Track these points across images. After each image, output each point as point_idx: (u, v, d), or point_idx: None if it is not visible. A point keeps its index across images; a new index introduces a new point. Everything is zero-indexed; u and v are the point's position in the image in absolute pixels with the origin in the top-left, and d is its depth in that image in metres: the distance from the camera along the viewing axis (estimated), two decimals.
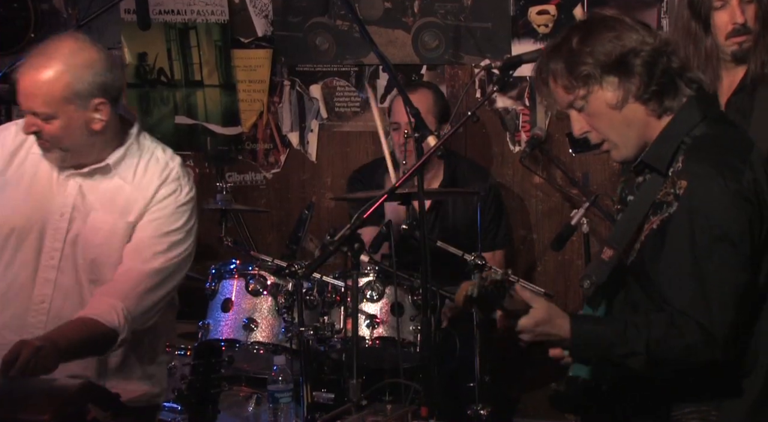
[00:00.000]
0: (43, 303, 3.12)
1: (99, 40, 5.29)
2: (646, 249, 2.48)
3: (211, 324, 3.99)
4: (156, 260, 3.12)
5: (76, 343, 2.88)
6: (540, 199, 4.88)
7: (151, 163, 3.19)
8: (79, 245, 3.12)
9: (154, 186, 3.15)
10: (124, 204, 3.14)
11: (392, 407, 3.38)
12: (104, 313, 2.94)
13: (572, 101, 2.53)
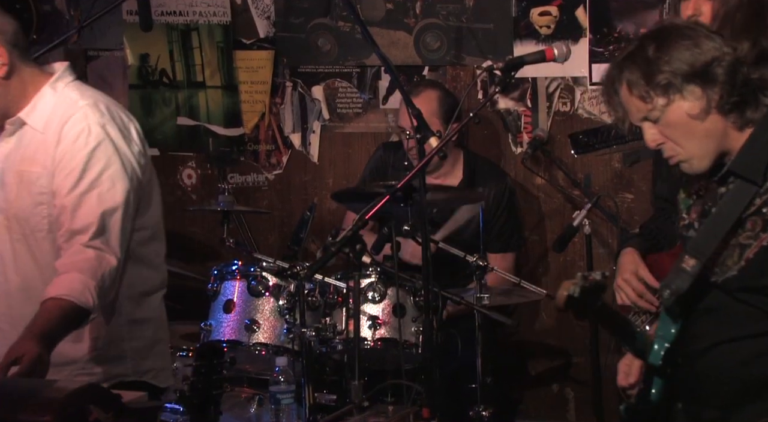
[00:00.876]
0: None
1: (101, 41, 5.36)
2: (755, 265, 2.40)
3: (213, 326, 3.99)
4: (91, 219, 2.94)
5: (61, 333, 2.84)
6: (542, 200, 4.88)
7: (63, 106, 3.05)
8: (4, 206, 3.07)
9: (59, 126, 3.01)
10: (35, 151, 3.04)
11: (394, 408, 3.39)
12: (78, 293, 2.83)
13: (649, 112, 2.43)
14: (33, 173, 3.02)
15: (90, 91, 3.13)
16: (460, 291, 3.92)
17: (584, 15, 4.73)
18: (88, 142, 2.98)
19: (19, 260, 3.07)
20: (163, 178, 5.37)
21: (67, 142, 2.99)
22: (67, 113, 3.02)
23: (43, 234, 3.03)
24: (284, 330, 3.91)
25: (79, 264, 2.89)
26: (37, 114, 3.05)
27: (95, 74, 5.44)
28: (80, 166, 2.96)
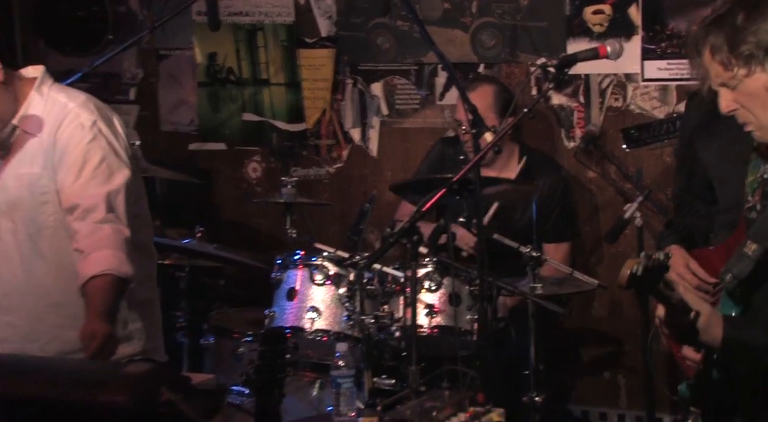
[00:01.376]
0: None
1: (172, 41, 5.42)
2: None
3: (277, 312, 4.02)
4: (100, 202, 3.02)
5: (115, 305, 2.94)
6: (594, 193, 4.85)
7: (54, 109, 3.12)
8: (6, 208, 3.12)
9: (53, 130, 3.08)
10: (33, 154, 3.10)
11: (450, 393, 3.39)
12: (116, 266, 2.93)
13: (728, 79, 2.38)
14: (33, 175, 3.09)
15: (75, 92, 3.21)
16: (514, 281, 3.92)
17: (637, 13, 4.69)
18: (83, 139, 3.06)
19: (27, 259, 3.12)
20: (229, 171, 5.47)
21: (64, 142, 3.07)
22: (59, 116, 3.09)
23: (50, 232, 3.10)
24: (344, 318, 3.94)
25: (103, 241, 2.98)
26: (30, 119, 3.11)
27: (166, 73, 5.51)
28: (79, 160, 3.04)
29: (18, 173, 3.10)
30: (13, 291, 3.12)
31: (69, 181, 3.04)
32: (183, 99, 5.51)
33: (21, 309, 3.12)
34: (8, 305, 3.13)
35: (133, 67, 5.55)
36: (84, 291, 2.94)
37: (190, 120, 5.50)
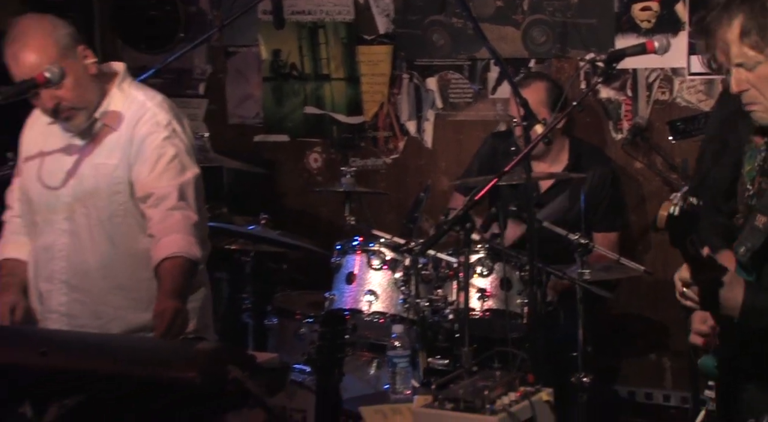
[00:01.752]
0: (61, 251, 3.19)
1: (239, 39, 5.46)
2: None
3: (336, 295, 4.04)
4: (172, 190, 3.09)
5: (185, 285, 2.99)
6: (641, 183, 4.81)
7: (133, 106, 3.18)
8: (80, 194, 3.17)
9: (132, 125, 3.14)
10: (111, 147, 3.15)
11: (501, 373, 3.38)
12: (186, 249, 2.99)
13: (750, 59, 2.38)
14: (109, 165, 3.14)
15: (151, 91, 3.27)
16: (563, 267, 3.90)
17: (684, 9, 4.64)
18: (159, 136, 3.12)
19: (97, 243, 3.17)
20: (292, 162, 5.50)
21: (141, 137, 3.13)
22: (137, 114, 3.16)
23: (120, 219, 3.15)
24: (400, 301, 3.94)
25: (173, 226, 3.04)
26: (111, 113, 3.17)
27: (233, 68, 5.55)
28: (155, 155, 3.11)
29: (95, 163, 3.16)
30: (83, 271, 3.18)
31: (144, 173, 3.10)
32: (249, 93, 5.55)
33: (89, 288, 3.17)
34: (78, 284, 3.18)
35: (202, 63, 5.61)
36: (156, 272, 2.99)
37: (256, 113, 5.54)
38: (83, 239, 3.17)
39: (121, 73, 3.23)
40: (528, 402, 3.24)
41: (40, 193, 3.22)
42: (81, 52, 3.11)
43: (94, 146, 3.18)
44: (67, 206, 3.17)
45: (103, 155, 3.15)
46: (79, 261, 3.18)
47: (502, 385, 3.30)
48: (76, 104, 3.10)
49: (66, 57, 3.05)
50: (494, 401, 3.21)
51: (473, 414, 3.18)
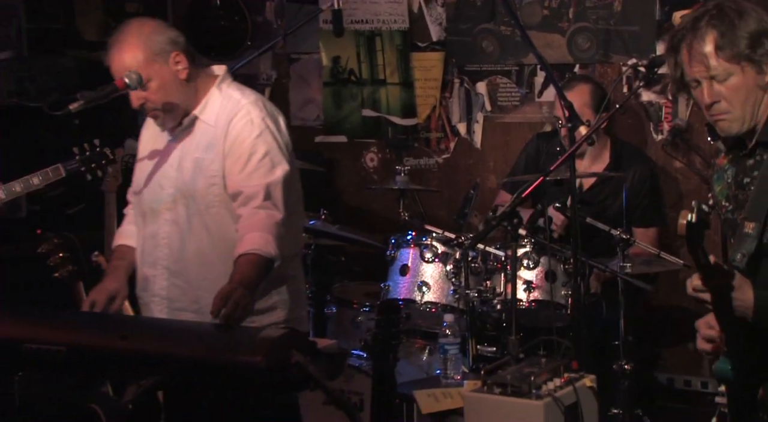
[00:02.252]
0: (164, 239, 3.20)
1: (302, 46, 5.49)
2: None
3: (391, 286, 4.05)
4: (260, 190, 3.07)
5: (255, 279, 2.95)
6: (680, 181, 4.76)
7: (230, 103, 3.17)
8: (181, 187, 3.19)
9: (227, 121, 3.14)
10: (209, 142, 3.16)
11: (546, 360, 3.38)
12: (263, 246, 2.95)
13: (722, 72, 2.40)
14: (207, 160, 3.14)
15: (248, 91, 3.26)
16: (605, 261, 3.88)
17: None
18: (252, 133, 3.10)
19: (194, 231, 3.17)
20: (350, 161, 5.52)
21: (234, 133, 3.12)
22: (233, 110, 3.14)
23: (216, 210, 3.15)
24: (451, 291, 3.95)
25: (256, 224, 3.02)
26: (208, 111, 3.18)
27: (296, 74, 5.58)
28: (247, 151, 3.09)
29: (194, 157, 3.17)
30: (182, 258, 3.18)
31: (236, 170, 3.09)
32: (310, 97, 5.57)
33: (187, 274, 3.17)
34: (177, 270, 3.19)
35: (268, 69, 5.64)
36: (234, 266, 3.01)
37: (316, 115, 5.56)
38: (183, 228, 3.19)
39: (222, 75, 3.25)
40: (572, 388, 3.24)
41: (149, 186, 3.26)
42: (173, 58, 3.12)
43: (194, 142, 3.19)
44: (170, 197, 3.19)
45: (201, 150, 3.16)
46: (179, 249, 3.19)
47: (547, 371, 3.30)
48: (159, 106, 3.13)
49: (154, 61, 3.09)
50: (540, 386, 3.21)
51: (520, 399, 3.18)
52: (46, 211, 4.96)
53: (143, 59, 3.08)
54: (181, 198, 3.18)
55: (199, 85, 3.20)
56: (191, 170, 3.17)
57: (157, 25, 3.17)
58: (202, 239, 3.17)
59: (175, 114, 3.18)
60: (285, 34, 4.99)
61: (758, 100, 2.42)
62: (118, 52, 3.10)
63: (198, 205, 3.16)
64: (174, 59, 3.13)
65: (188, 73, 3.15)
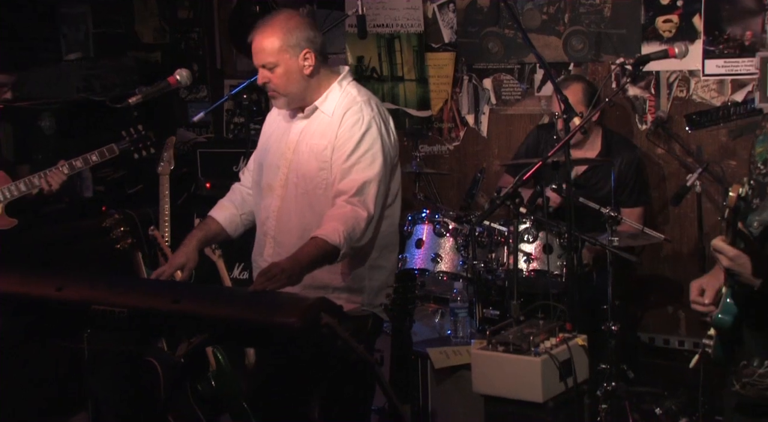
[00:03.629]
0: (274, 212, 3.17)
1: (330, 47, 5.40)
2: None
3: (408, 257, 4.04)
4: (356, 187, 3.01)
5: (312, 262, 2.89)
6: (661, 166, 4.72)
7: (346, 99, 3.14)
8: (295, 167, 3.15)
9: (341, 114, 3.10)
10: (324, 130, 3.12)
11: (544, 322, 3.38)
12: (330, 234, 2.89)
13: None
14: (320, 146, 3.10)
15: (364, 90, 3.21)
16: (596, 235, 3.86)
17: (700, 21, 4.51)
18: (360, 128, 3.05)
19: (300, 208, 3.13)
20: None
21: (345, 126, 3.07)
22: (348, 105, 3.11)
23: (321, 192, 3.10)
24: (460, 262, 3.94)
25: (338, 215, 2.97)
26: (328, 103, 3.14)
27: None
28: (352, 145, 3.04)
29: (311, 143, 3.12)
30: (287, 230, 3.14)
31: (339, 160, 3.04)
32: None
33: (288, 245, 3.10)
34: (281, 241, 3.15)
35: None
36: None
37: None
38: (290, 204, 3.15)
39: (344, 73, 3.21)
40: (566, 346, 3.23)
41: (268, 164, 3.23)
42: (304, 54, 3.08)
43: (312, 129, 3.15)
44: (284, 175, 3.16)
45: (317, 137, 3.12)
46: (285, 222, 3.16)
47: (544, 332, 3.29)
48: (278, 89, 3.10)
49: (285, 52, 3.06)
50: (538, 345, 3.21)
51: (520, 356, 3.18)
52: (110, 191, 4.99)
53: (278, 47, 3.05)
54: (293, 177, 3.14)
55: (322, 80, 3.14)
56: (306, 154, 3.13)
57: (301, 22, 3.13)
58: (305, 215, 3.12)
59: (290, 100, 3.13)
60: None
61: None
62: (261, 34, 3.08)
63: (307, 185, 3.12)
64: (304, 55, 3.08)
65: (313, 70, 3.10)
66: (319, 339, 2.32)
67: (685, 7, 4.54)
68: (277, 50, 3.04)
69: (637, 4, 4.64)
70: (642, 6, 4.63)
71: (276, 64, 3.05)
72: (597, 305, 3.90)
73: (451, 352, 3.61)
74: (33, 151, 4.26)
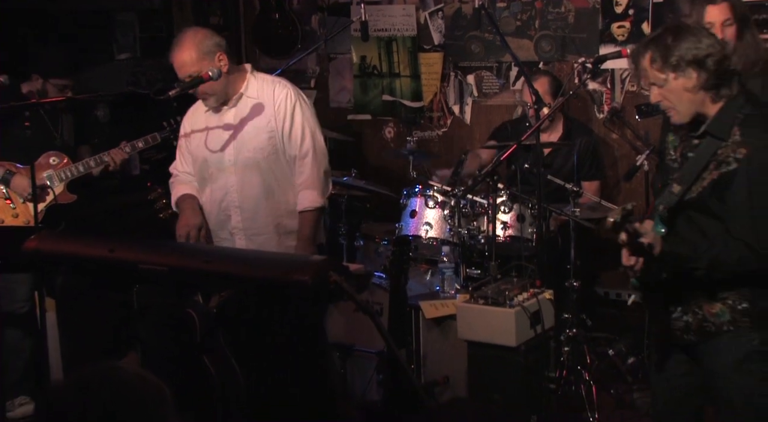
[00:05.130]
0: (233, 186, 3.20)
1: (338, 48, 5.40)
2: (706, 191, 2.31)
3: (403, 225, 4.01)
4: (308, 149, 3.14)
5: (312, 228, 3.06)
6: (615, 148, 4.69)
7: (265, 83, 3.20)
8: (240, 146, 3.17)
9: (271, 93, 3.15)
10: (257, 112, 3.16)
11: (517, 280, 3.35)
12: (312, 203, 3.09)
13: (658, 81, 2.32)
14: (263, 121, 3.15)
15: (272, 76, 3.29)
16: (561, 206, 3.82)
17: (647, 27, 4.47)
18: (291, 100, 3.15)
19: (260, 173, 3.17)
20: (373, 133, 5.46)
21: (279, 100, 3.15)
22: (271, 86, 3.18)
23: (273, 157, 3.17)
24: (447, 230, 3.90)
25: (307, 182, 3.12)
26: (251, 90, 3.18)
27: (334, 69, 5.50)
28: (290, 113, 3.13)
29: (247, 122, 3.17)
30: (251, 196, 3.20)
31: (286, 127, 3.15)
32: (344, 86, 5.49)
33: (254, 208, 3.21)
34: (247, 207, 3.21)
35: (313, 65, 5.55)
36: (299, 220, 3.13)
37: (348, 99, 5.48)
38: (248, 175, 3.18)
39: (250, 69, 3.25)
40: (536, 300, 3.21)
41: (209, 155, 3.23)
42: (218, 57, 3.10)
43: (244, 112, 3.18)
44: (233, 156, 3.18)
45: (255, 115, 3.16)
46: (248, 190, 3.20)
47: (518, 288, 3.27)
48: (207, 91, 3.12)
49: (203, 60, 3.07)
50: (512, 299, 3.19)
51: (498, 308, 3.16)
52: (153, 170, 4.96)
53: (196, 57, 3.06)
54: (244, 153, 3.16)
55: (236, 75, 3.17)
56: (251, 132, 3.14)
57: (207, 33, 3.14)
58: (264, 178, 3.17)
59: (218, 97, 3.15)
60: (326, 39, 4.94)
61: (692, 100, 2.33)
62: (179, 51, 3.08)
63: (258, 155, 3.15)
64: (218, 58, 3.10)
65: (228, 68, 3.12)
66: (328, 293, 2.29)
67: (635, 15, 4.50)
68: (197, 60, 3.05)
69: (596, 12, 4.59)
70: (600, 14, 4.58)
71: (198, 71, 3.04)
72: (561, 265, 3.88)
73: (439, 305, 3.59)
74: (90, 135, 4.26)
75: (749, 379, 2.33)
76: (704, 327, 2.37)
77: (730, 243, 2.26)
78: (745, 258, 2.25)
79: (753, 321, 2.32)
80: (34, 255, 2.43)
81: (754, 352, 2.33)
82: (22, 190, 3.65)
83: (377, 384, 3.58)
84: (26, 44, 4.17)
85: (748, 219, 2.24)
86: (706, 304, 2.37)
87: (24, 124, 3.80)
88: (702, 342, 2.39)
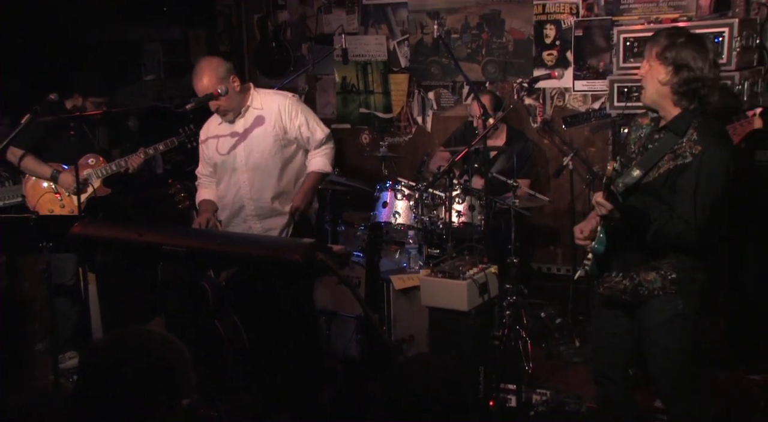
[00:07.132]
0: (245, 182, 3.20)
1: (324, 70, 5.35)
2: (661, 178, 2.32)
3: (377, 214, 3.97)
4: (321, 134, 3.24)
5: (313, 186, 3.14)
6: (546, 152, 4.70)
7: (267, 96, 3.21)
8: (250, 149, 3.17)
9: (275, 103, 3.17)
10: (262, 120, 3.17)
11: (469, 258, 3.35)
12: (321, 167, 3.16)
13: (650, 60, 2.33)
14: (269, 126, 3.15)
15: (272, 91, 3.33)
16: (503, 198, 3.83)
17: (570, 54, 4.49)
18: (293, 104, 3.19)
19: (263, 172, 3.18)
20: (352, 139, 5.42)
21: (283, 107, 3.16)
22: (273, 97, 3.21)
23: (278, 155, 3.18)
24: (413, 217, 3.89)
25: (319, 152, 3.23)
26: (256, 102, 3.18)
27: (320, 87, 5.44)
28: (295, 114, 3.17)
29: (259, 128, 3.17)
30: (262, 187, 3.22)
31: (300, 127, 3.20)
32: (328, 101, 5.44)
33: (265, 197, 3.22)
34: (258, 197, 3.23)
35: (303, 84, 5.49)
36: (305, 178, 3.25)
37: (332, 112, 5.44)
38: (257, 172, 3.19)
39: (252, 87, 3.24)
40: (484, 274, 3.21)
41: (224, 158, 3.22)
42: (232, 79, 3.11)
43: (251, 122, 3.18)
44: (244, 158, 3.18)
45: (262, 123, 3.16)
46: (258, 182, 3.20)
47: (469, 264, 3.27)
48: (227, 108, 3.12)
49: (222, 82, 3.07)
50: (465, 273, 3.18)
51: (453, 280, 3.16)
52: (174, 169, 4.90)
53: (216, 80, 3.05)
54: (254, 155, 3.16)
55: (245, 92, 3.17)
56: (259, 137, 3.15)
57: (219, 60, 3.14)
58: (271, 172, 3.18)
59: (234, 112, 3.15)
60: (313, 63, 4.89)
61: (660, 92, 2.33)
62: (200, 78, 3.07)
63: (266, 155, 3.15)
64: (232, 80, 3.09)
65: (240, 87, 3.13)
66: (316, 269, 2.27)
67: (561, 46, 4.52)
68: (215, 84, 3.06)
69: (530, 43, 4.60)
70: (533, 44, 4.59)
71: (222, 94, 3.06)
72: (504, 245, 3.89)
73: (406, 278, 3.59)
74: (123, 141, 4.22)
75: (674, 335, 2.36)
76: (638, 290, 2.39)
77: (675, 219, 2.27)
78: (683, 232, 2.25)
79: (678, 289, 2.35)
80: (78, 238, 2.42)
81: (678, 315, 2.35)
82: (67, 185, 3.70)
83: (356, 343, 3.58)
84: (70, 69, 4.15)
85: (691, 202, 2.25)
86: (643, 272, 2.37)
87: (69, 132, 3.82)
88: (637, 304, 2.40)
